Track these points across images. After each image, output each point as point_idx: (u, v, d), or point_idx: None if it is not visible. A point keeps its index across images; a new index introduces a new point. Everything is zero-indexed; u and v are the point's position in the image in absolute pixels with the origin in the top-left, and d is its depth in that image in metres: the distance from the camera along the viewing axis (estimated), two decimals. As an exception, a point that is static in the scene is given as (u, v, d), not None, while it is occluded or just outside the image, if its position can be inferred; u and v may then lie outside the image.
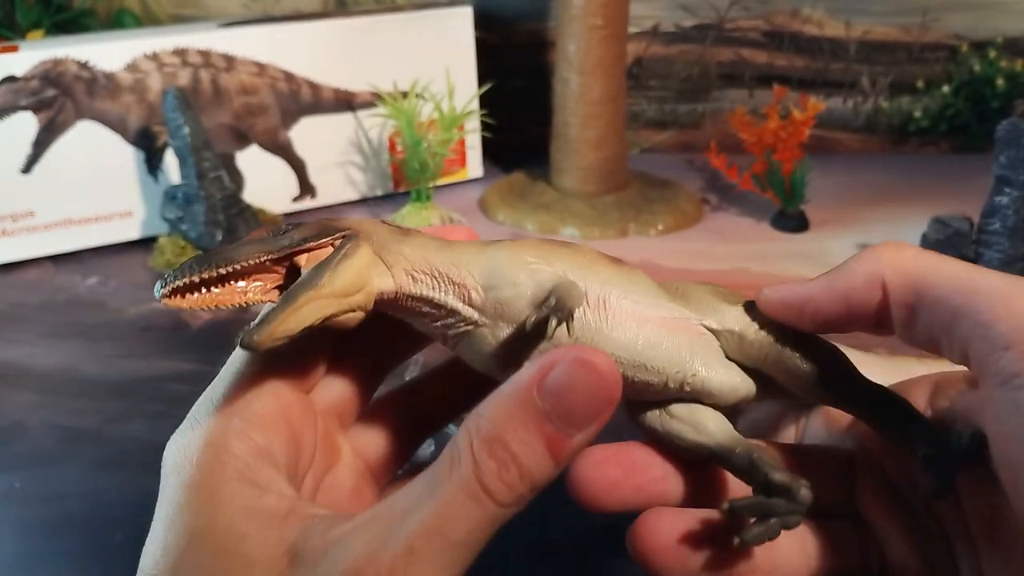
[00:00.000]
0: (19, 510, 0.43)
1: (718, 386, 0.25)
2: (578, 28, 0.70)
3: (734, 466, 0.24)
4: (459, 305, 0.23)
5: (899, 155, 0.88)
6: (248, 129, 0.75)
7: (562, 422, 0.20)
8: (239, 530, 0.20)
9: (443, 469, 0.20)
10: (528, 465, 0.20)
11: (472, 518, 0.19)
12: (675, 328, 0.24)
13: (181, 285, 0.20)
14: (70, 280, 0.68)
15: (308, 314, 0.20)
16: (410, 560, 0.19)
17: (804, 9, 0.85)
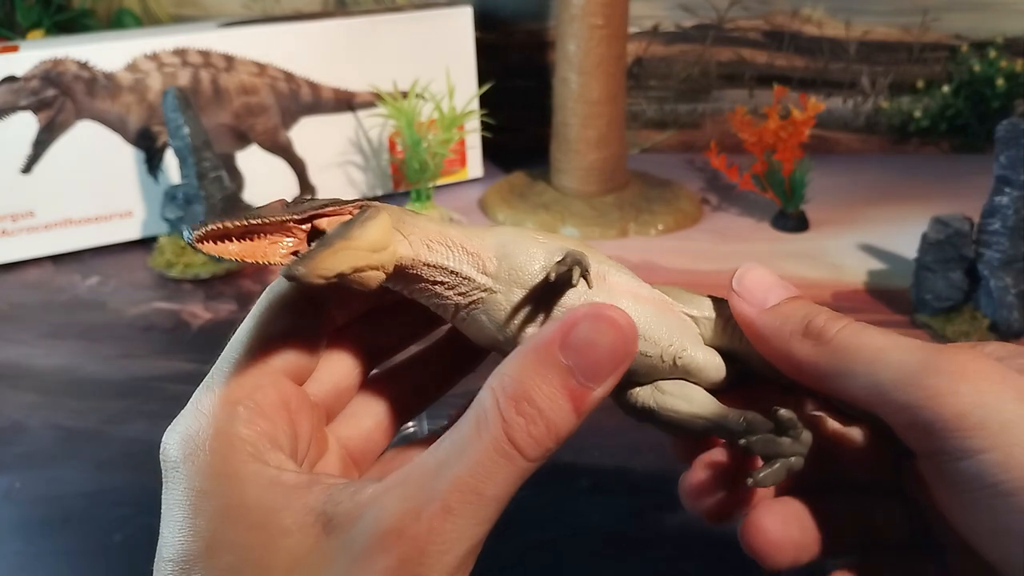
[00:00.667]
0: (19, 510, 0.43)
1: (703, 363, 0.26)
2: (578, 28, 0.70)
3: (731, 431, 0.25)
4: (474, 272, 0.24)
5: (899, 155, 0.88)
6: (248, 129, 0.75)
7: (584, 376, 0.21)
8: (269, 503, 0.21)
9: (471, 429, 0.21)
10: (554, 419, 0.21)
11: (504, 473, 0.21)
12: (664, 309, 0.26)
13: (212, 230, 0.21)
14: (70, 280, 0.68)
15: (342, 260, 0.21)
16: (447, 517, 0.20)
17: (804, 9, 0.85)
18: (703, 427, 0.26)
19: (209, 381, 0.23)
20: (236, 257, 0.21)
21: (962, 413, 0.21)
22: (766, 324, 0.26)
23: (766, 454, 0.24)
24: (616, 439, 0.47)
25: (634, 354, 0.22)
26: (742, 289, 0.26)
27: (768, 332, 0.25)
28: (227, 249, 0.21)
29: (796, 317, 0.25)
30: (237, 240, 0.21)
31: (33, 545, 0.41)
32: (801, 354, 0.25)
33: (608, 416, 0.49)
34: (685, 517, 0.41)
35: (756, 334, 0.26)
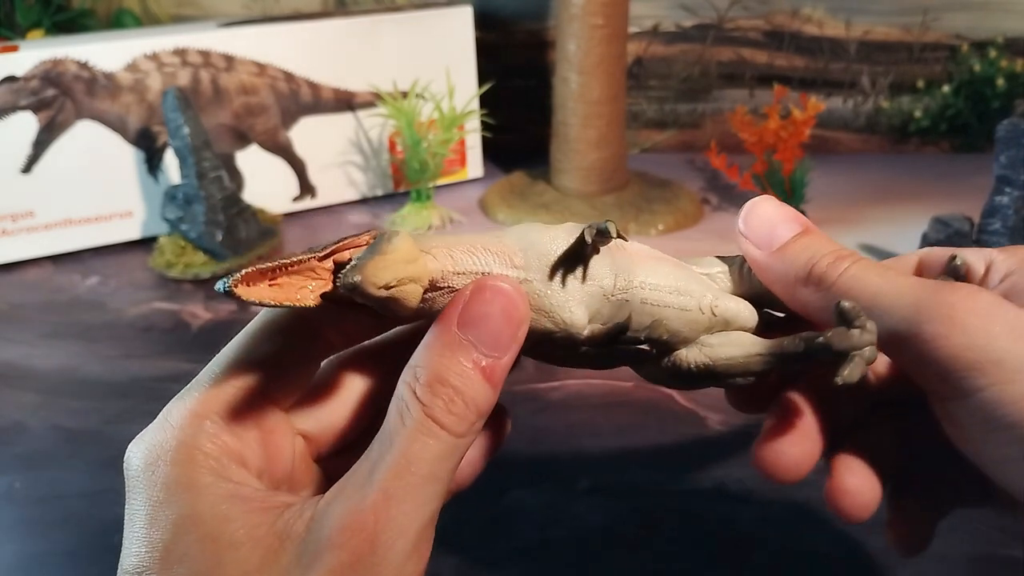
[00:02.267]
0: (19, 510, 0.43)
1: (737, 309, 0.26)
2: (578, 27, 0.70)
3: (793, 355, 0.25)
4: (505, 268, 0.24)
5: (899, 155, 0.88)
6: (248, 129, 0.75)
7: (488, 348, 0.22)
8: (223, 514, 0.21)
9: (395, 422, 0.22)
10: (470, 394, 0.22)
11: (433, 451, 0.21)
12: (685, 267, 0.26)
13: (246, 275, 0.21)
14: (70, 280, 0.68)
15: (386, 270, 0.21)
16: (390, 503, 0.21)
17: (804, 9, 0.85)
18: (763, 363, 0.25)
19: (183, 393, 0.23)
20: (272, 301, 0.21)
21: (954, 355, 0.21)
22: (773, 268, 0.26)
23: (841, 349, 0.23)
24: (616, 439, 0.47)
25: (527, 316, 0.23)
26: (748, 230, 0.26)
27: (775, 277, 0.26)
28: (262, 294, 0.21)
29: (800, 261, 0.25)
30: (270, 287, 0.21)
31: (32, 545, 0.41)
32: (806, 301, 0.25)
33: (608, 416, 0.49)
34: (685, 517, 0.41)
35: (767, 280, 0.26)
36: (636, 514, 0.41)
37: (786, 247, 0.25)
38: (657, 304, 0.25)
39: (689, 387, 0.27)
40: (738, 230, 0.26)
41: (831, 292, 0.24)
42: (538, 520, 0.41)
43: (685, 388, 0.27)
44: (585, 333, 0.24)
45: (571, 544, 0.40)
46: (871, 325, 0.23)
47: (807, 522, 0.40)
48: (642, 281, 0.25)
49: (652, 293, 0.25)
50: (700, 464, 0.45)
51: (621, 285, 0.25)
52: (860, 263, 0.24)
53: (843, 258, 0.24)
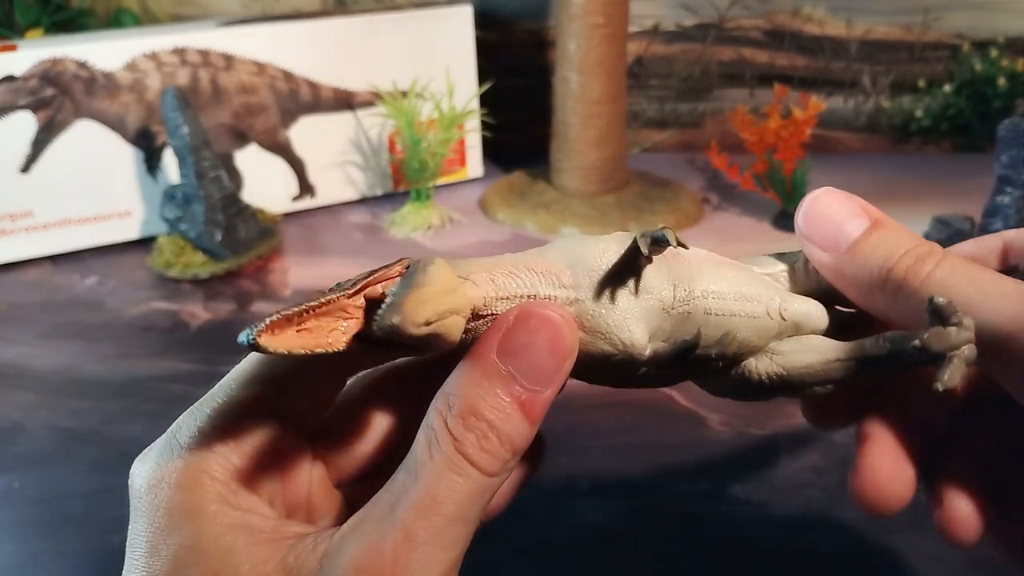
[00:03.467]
0: (18, 510, 0.43)
1: (807, 310, 0.24)
2: (578, 27, 0.70)
3: (877, 360, 0.22)
4: (553, 290, 0.21)
5: (900, 155, 0.88)
6: (247, 128, 0.74)
7: (529, 381, 0.20)
8: (227, 546, 0.20)
9: (423, 453, 0.20)
10: (506, 430, 0.20)
11: (462, 491, 0.19)
12: (747, 269, 0.24)
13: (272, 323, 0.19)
14: (69, 280, 0.68)
15: (425, 305, 0.19)
16: (411, 546, 0.19)
17: (805, 8, 0.85)
18: (844, 369, 0.23)
19: (194, 409, 0.22)
20: (302, 350, 0.19)
21: None
22: (843, 272, 0.23)
23: (939, 351, 0.21)
24: (616, 440, 0.47)
25: (575, 349, 0.21)
26: (810, 229, 0.24)
27: (847, 282, 0.23)
28: (290, 343, 0.19)
29: (875, 263, 0.22)
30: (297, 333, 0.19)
31: (31, 545, 0.41)
32: (885, 307, 0.22)
33: (608, 417, 0.49)
34: (685, 517, 0.41)
35: (838, 283, 0.23)
36: (636, 514, 0.41)
37: (856, 247, 0.23)
38: (723, 313, 0.23)
39: (760, 399, 0.25)
40: (798, 230, 0.24)
41: (914, 300, 0.21)
42: (538, 520, 0.41)
43: (755, 400, 0.25)
44: (647, 353, 0.22)
45: (571, 544, 0.40)
46: (968, 321, 0.21)
47: (807, 522, 0.40)
48: (704, 290, 0.23)
49: (716, 302, 0.23)
50: (700, 464, 0.45)
51: (682, 296, 0.22)
52: (945, 263, 0.22)
53: (923, 258, 0.22)
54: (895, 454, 0.24)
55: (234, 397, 0.22)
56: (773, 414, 0.48)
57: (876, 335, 0.23)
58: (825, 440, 0.46)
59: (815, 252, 0.24)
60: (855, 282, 0.23)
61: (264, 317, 0.19)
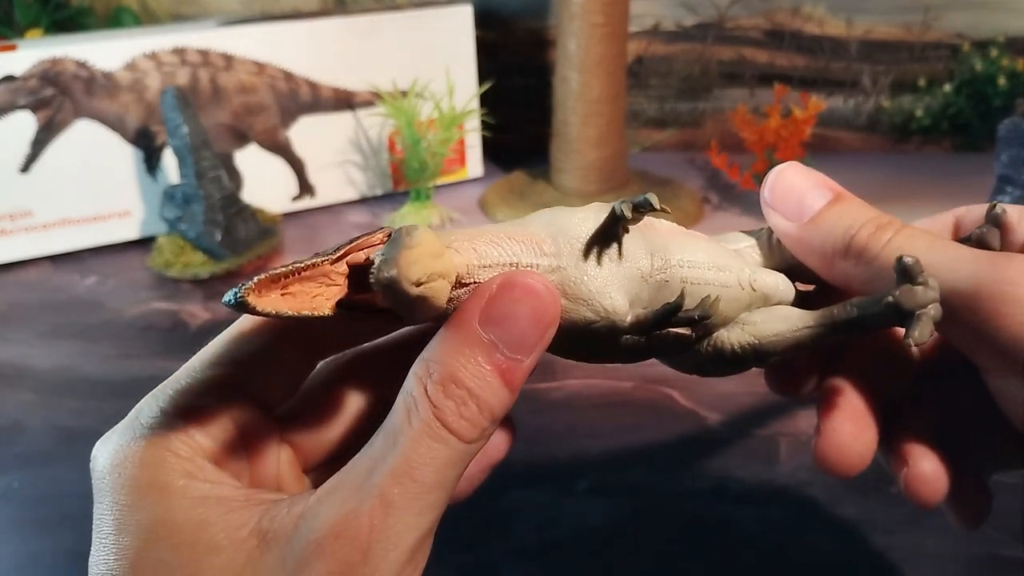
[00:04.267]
0: (17, 510, 0.43)
1: (775, 282, 0.25)
2: (578, 26, 0.70)
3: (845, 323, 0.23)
4: (534, 258, 0.22)
5: (900, 154, 0.88)
6: (247, 128, 0.74)
7: (511, 349, 0.20)
8: (199, 517, 0.20)
9: (401, 419, 0.20)
10: (485, 398, 0.20)
11: (440, 458, 0.20)
12: (715, 242, 0.25)
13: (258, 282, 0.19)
14: (69, 280, 0.68)
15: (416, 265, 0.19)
16: (388, 511, 0.19)
17: (805, 7, 0.85)
18: (813, 336, 0.23)
19: (157, 391, 0.22)
20: (288, 311, 0.19)
21: (1016, 334, 0.20)
22: (806, 241, 0.24)
23: (910, 308, 0.21)
24: (616, 440, 0.47)
25: (558, 317, 0.21)
26: (775, 200, 0.24)
27: (809, 251, 0.24)
28: (276, 304, 0.19)
29: (837, 232, 0.23)
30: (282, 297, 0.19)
31: (31, 545, 0.41)
32: (847, 274, 0.23)
33: (607, 417, 0.49)
34: (685, 517, 0.41)
35: (799, 252, 0.24)
36: (636, 514, 0.41)
37: (819, 217, 0.24)
38: (698, 282, 0.23)
39: (732, 371, 0.25)
40: (763, 200, 0.25)
41: (874, 265, 0.22)
42: (538, 520, 0.41)
43: (725, 374, 0.25)
44: (628, 319, 0.22)
45: (571, 544, 0.40)
46: (934, 281, 0.21)
47: (807, 522, 0.40)
48: (680, 259, 0.23)
49: (692, 271, 0.23)
50: (700, 464, 0.44)
51: (659, 265, 0.23)
52: (904, 232, 0.23)
53: (884, 227, 0.23)
54: (856, 417, 0.24)
55: (199, 378, 0.22)
56: (773, 414, 0.48)
57: (843, 302, 0.23)
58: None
59: (780, 222, 0.24)
60: (818, 251, 0.24)
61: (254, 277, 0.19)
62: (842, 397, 0.25)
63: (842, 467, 0.24)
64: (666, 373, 0.25)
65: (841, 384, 0.25)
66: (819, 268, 0.24)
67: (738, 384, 0.50)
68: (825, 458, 0.24)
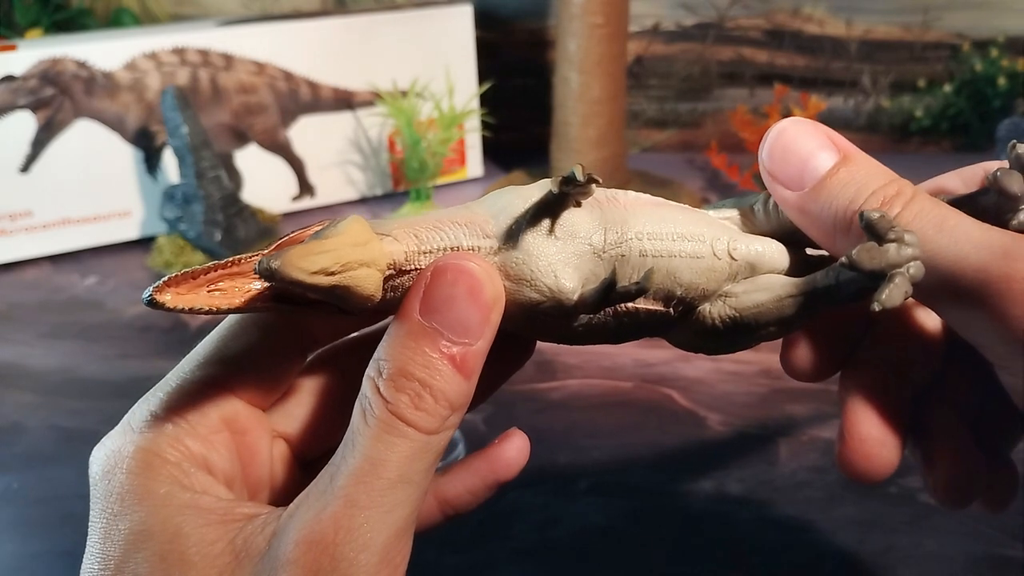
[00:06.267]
0: (17, 510, 0.43)
1: (763, 250, 0.23)
2: (578, 26, 0.70)
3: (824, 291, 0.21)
4: (477, 240, 0.21)
5: (900, 154, 0.88)
6: (247, 128, 0.74)
7: (456, 334, 0.20)
8: (175, 528, 0.19)
9: (358, 421, 0.20)
10: (439, 387, 0.20)
11: (401, 452, 0.19)
12: (693, 211, 0.23)
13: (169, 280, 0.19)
14: (68, 280, 0.68)
15: (322, 256, 0.19)
16: (352, 512, 0.19)
17: (805, 7, 0.85)
18: (796, 306, 0.22)
19: (149, 395, 0.22)
20: (208, 307, 0.19)
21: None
22: (808, 212, 0.22)
23: (874, 270, 0.19)
24: (616, 440, 0.47)
25: (500, 295, 0.20)
26: (774, 165, 0.22)
27: (811, 222, 0.22)
28: (195, 300, 0.19)
29: (839, 203, 0.21)
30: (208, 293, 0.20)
31: (30, 545, 0.41)
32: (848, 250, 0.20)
33: (607, 416, 0.49)
34: (685, 517, 0.41)
35: (801, 223, 0.22)
36: (636, 514, 0.41)
37: (822, 184, 0.21)
38: (660, 255, 0.22)
39: (722, 348, 0.24)
40: (762, 165, 0.22)
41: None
42: (538, 520, 0.41)
43: (719, 350, 0.24)
44: (574, 298, 0.21)
45: (571, 544, 0.40)
46: (911, 237, 0.19)
47: (807, 522, 0.40)
48: (639, 231, 0.22)
49: (652, 243, 0.22)
50: (700, 464, 0.44)
51: (612, 239, 0.22)
52: (913, 205, 0.20)
53: (891, 200, 0.21)
54: (883, 420, 0.23)
55: (188, 379, 0.22)
56: (773, 414, 0.48)
57: (829, 267, 0.21)
58: (825, 440, 0.46)
59: (779, 190, 0.22)
60: (819, 222, 0.21)
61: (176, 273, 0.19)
62: (866, 397, 0.23)
63: (869, 475, 0.23)
64: (666, 373, 0.25)
65: (861, 382, 0.23)
66: (823, 242, 0.22)
67: (738, 384, 0.50)
68: (851, 466, 0.23)
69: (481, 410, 0.47)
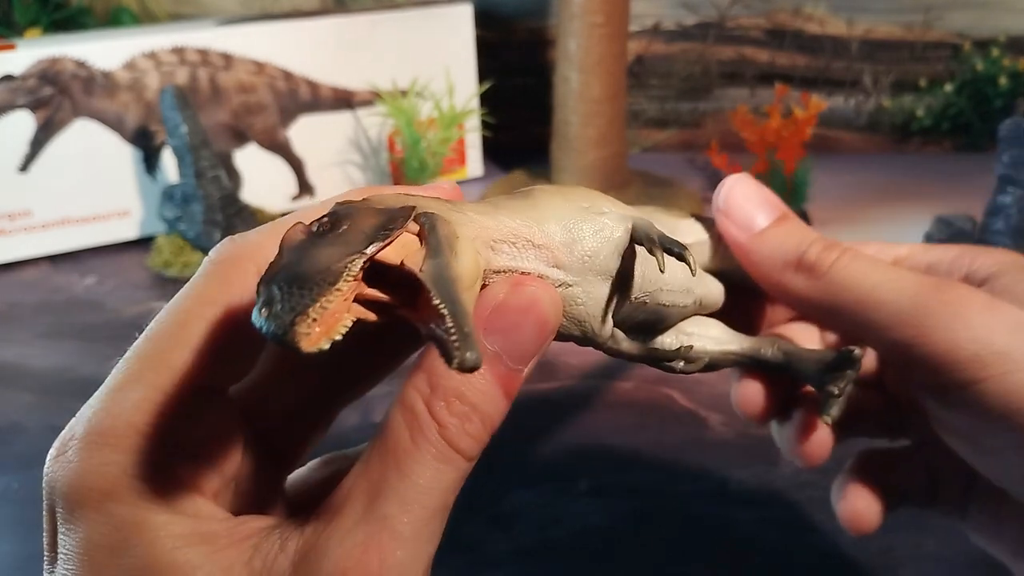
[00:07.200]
0: (16, 510, 0.43)
1: (710, 290, 0.26)
2: (579, 26, 0.70)
3: (768, 363, 0.25)
4: (547, 269, 0.21)
5: (901, 154, 0.88)
6: (246, 128, 0.74)
7: (513, 360, 0.19)
8: (183, 562, 0.18)
9: (403, 440, 0.18)
10: (488, 411, 0.19)
11: (447, 481, 0.18)
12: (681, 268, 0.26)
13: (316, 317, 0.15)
14: (67, 280, 0.68)
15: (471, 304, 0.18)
16: (398, 544, 0.18)
17: (806, 7, 0.85)
18: (735, 361, 0.25)
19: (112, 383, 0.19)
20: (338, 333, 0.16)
21: (956, 347, 0.22)
22: (757, 251, 0.25)
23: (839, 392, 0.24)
24: (616, 440, 0.46)
25: (557, 328, 0.20)
26: (729, 209, 0.26)
27: (760, 260, 0.25)
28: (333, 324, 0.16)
29: (788, 246, 0.25)
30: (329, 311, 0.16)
31: (30, 546, 0.41)
32: (794, 287, 0.25)
33: (608, 417, 0.48)
34: (685, 518, 0.41)
35: (747, 262, 0.26)
36: (636, 514, 0.41)
37: (770, 231, 0.25)
38: (671, 305, 0.24)
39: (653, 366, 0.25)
40: (716, 208, 0.26)
41: (825, 280, 0.24)
42: (538, 520, 0.41)
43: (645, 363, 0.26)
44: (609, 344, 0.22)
45: (571, 544, 0.40)
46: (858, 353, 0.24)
47: (807, 523, 0.40)
48: (663, 284, 0.23)
49: (668, 295, 0.24)
50: (700, 465, 0.44)
51: (648, 289, 0.23)
52: (850, 252, 0.24)
53: (832, 247, 0.24)
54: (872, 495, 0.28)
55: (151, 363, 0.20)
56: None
57: (772, 339, 0.25)
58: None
59: (731, 229, 0.26)
60: (767, 260, 0.25)
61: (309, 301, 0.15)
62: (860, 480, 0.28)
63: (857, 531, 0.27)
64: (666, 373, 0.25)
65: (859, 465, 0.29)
66: (763, 278, 0.26)
67: (739, 384, 0.50)
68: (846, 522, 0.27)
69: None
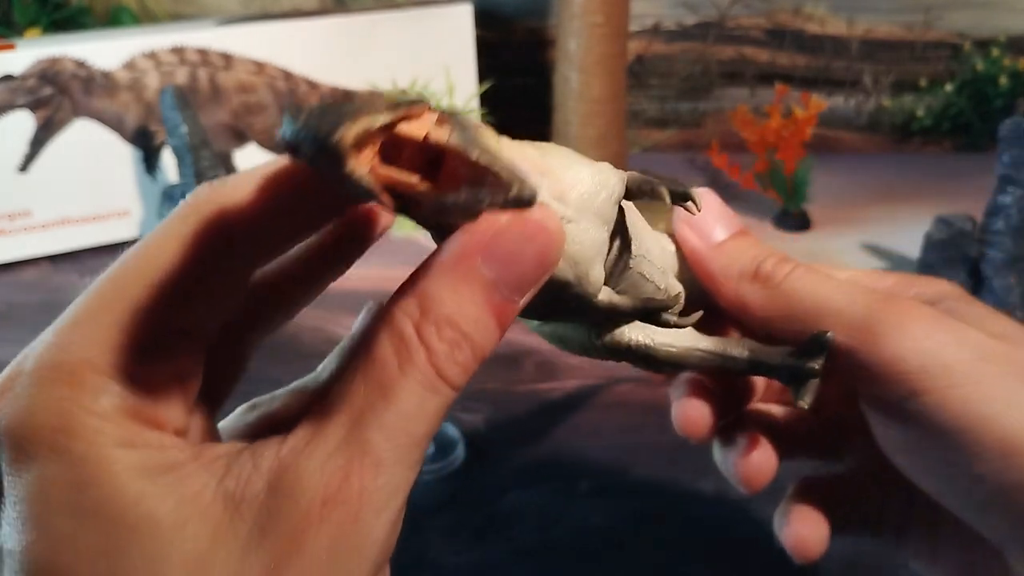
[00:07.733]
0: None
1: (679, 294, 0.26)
2: (579, 25, 0.70)
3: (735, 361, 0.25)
4: (548, 197, 0.19)
5: (902, 154, 0.88)
6: (246, 128, 0.74)
7: (509, 289, 0.18)
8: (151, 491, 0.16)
9: (390, 364, 0.17)
10: (479, 341, 0.18)
11: (432, 409, 0.18)
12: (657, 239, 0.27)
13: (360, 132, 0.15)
14: (67, 280, 0.67)
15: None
16: (379, 471, 0.17)
17: (806, 7, 0.85)
18: (701, 360, 0.25)
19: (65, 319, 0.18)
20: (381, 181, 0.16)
21: (903, 358, 0.22)
22: (715, 261, 0.26)
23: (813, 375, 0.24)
24: (616, 440, 0.46)
25: (557, 263, 0.19)
26: (690, 219, 0.27)
27: (716, 270, 0.26)
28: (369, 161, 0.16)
29: (745, 258, 0.26)
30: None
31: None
32: (749, 297, 0.25)
33: (608, 418, 0.48)
34: (686, 518, 0.41)
35: (704, 271, 0.26)
36: (636, 515, 0.41)
37: (729, 243, 0.26)
38: (649, 279, 0.23)
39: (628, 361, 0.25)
40: (678, 218, 0.27)
41: (779, 290, 0.25)
42: (538, 520, 0.41)
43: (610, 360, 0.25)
44: (602, 297, 0.21)
45: (571, 544, 0.40)
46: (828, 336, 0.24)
47: (809, 523, 0.40)
48: (646, 251, 0.23)
49: (648, 267, 0.23)
50: (700, 466, 0.44)
51: (635, 253, 0.22)
52: (804, 267, 0.25)
53: (787, 260, 0.25)
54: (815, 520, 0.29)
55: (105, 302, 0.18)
56: (774, 414, 0.48)
57: (737, 338, 0.26)
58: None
59: (692, 238, 0.27)
60: (723, 270, 0.26)
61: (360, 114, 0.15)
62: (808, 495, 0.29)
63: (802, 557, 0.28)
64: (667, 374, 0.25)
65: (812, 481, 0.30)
66: (716, 287, 0.26)
67: (739, 384, 0.50)
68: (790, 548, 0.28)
69: (481, 410, 0.47)
